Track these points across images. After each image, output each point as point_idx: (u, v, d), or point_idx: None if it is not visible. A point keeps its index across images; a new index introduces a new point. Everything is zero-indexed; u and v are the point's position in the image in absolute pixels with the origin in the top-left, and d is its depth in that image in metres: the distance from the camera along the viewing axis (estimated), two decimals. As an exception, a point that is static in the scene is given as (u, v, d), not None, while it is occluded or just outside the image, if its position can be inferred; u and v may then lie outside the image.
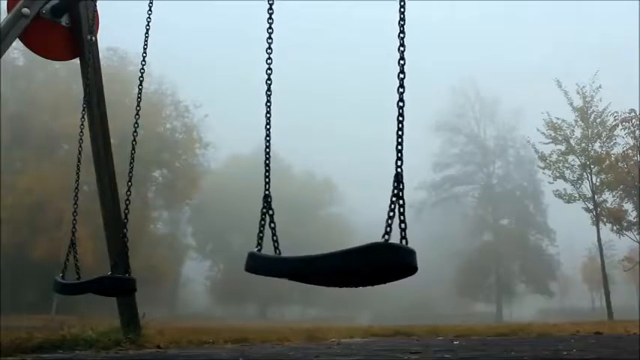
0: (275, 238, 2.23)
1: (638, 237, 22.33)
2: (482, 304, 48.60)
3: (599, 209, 22.43)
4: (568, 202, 23.35)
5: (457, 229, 45.21)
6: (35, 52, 4.74)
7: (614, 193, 22.74)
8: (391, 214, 1.81)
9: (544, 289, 44.97)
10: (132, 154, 3.80)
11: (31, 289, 25.19)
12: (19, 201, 25.10)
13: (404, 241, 1.79)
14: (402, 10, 2.07)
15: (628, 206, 22.62)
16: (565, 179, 23.23)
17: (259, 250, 2.16)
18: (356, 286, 2.09)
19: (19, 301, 22.94)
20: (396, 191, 1.84)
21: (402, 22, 2.06)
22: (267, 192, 2.28)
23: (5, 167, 23.18)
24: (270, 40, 2.55)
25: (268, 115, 2.50)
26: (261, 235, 2.20)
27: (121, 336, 4.57)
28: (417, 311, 41.05)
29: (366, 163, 55.72)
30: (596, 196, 22.56)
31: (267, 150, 2.44)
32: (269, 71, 2.51)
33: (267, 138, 2.47)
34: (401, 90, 1.99)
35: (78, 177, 4.10)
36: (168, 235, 39.51)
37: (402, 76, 2.00)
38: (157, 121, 32.65)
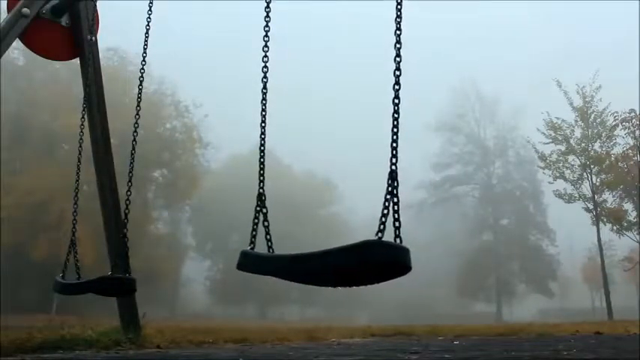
0: (269, 237, 2.21)
1: (638, 237, 22.33)
2: (482, 304, 48.59)
3: (599, 209, 22.42)
4: (568, 202, 23.35)
5: (457, 229, 45.22)
6: (35, 52, 4.74)
7: (614, 193, 22.74)
8: (385, 211, 1.79)
9: (544, 289, 44.98)
10: (132, 154, 3.81)
11: (31, 289, 25.16)
12: (19, 201, 25.08)
13: (398, 240, 1.76)
14: (399, 7, 2.07)
15: (628, 206, 22.63)
16: (565, 179, 23.23)
17: (252, 249, 2.15)
18: (349, 286, 2.06)
19: (19, 301, 22.93)
20: (390, 189, 1.82)
21: (398, 20, 2.05)
22: (261, 190, 2.27)
23: (5, 167, 23.16)
24: (266, 38, 2.55)
25: (264, 114, 2.49)
26: (254, 233, 2.18)
27: (121, 336, 4.57)
28: (416, 311, 41.04)
29: (366, 163, 55.77)
30: (596, 196, 22.55)
31: (262, 148, 2.42)
32: (265, 69, 2.51)
33: (262, 136, 2.46)
34: (396, 87, 1.97)
35: (78, 177, 4.11)
36: (168, 235, 39.48)
37: (397, 73, 1.98)
38: (156, 121, 32.59)
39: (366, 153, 56.75)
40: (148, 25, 3.99)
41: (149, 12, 4.00)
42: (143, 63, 3.98)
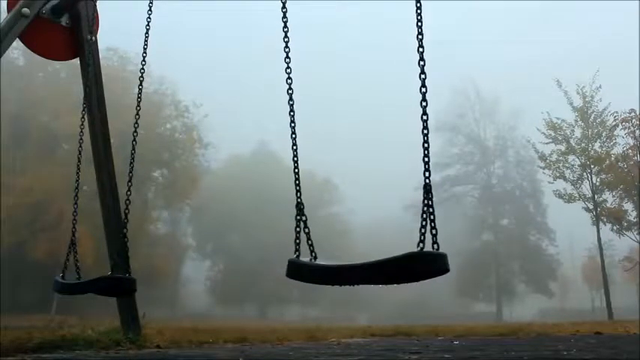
0: (310, 242, 2.29)
1: (638, 237, 22.33)
2: (482, 304, 48.58)
3: (599, 209, 22.41)
4: (568, 202, 23.33)
5: (457, 229, 45.15)
6: (35, 52, 4.74)
7: (614, 193, 22.73)
8: (423, 223, 1.92)
9: (544, 289, 44.97)
10: (132, 154, 3.81)
11: (31, 289, 25.17)
12: (19, 201, 25.08)
13: (435, 246, 1.90)
14: (419, 11, 2.08)
15: (628, 206, 22.61)
16: (565, 179, 23.22)
17: (298, 257, 2.27)
18: (386, 284, 2.15)
19: (19, 301, 22.93)
20: (426, 201, 1.96)
21: (419, 24, 2.07)
22: (299, 199, 2.39)
23: (5, 167, 23.16)
24: (287, 49, 2.55)
25: (293, 125, 2.51)
26: (297, 241, 2.30)
27: (121, 336, 4.57)
28: (416, 311, 41.05)
29: (366, 163, 55.78)
30: (596, 196, 22.54)
31: (296, 159, 2.46)
32: (289, 80, 2.51)
33: (294, 147, 2.48)
34: (424, 104, 2.02)
35: (78, 177, 4.11)
36: (168, 235, 39.48)
37: (424, 90, 2.05)
38: (156, 121, 32.62)
39: (367, 153, 56.83)
40: (148, 25, 3.99)
41: (149, 12, 4.00)
42: (143, 63, 3.97)
